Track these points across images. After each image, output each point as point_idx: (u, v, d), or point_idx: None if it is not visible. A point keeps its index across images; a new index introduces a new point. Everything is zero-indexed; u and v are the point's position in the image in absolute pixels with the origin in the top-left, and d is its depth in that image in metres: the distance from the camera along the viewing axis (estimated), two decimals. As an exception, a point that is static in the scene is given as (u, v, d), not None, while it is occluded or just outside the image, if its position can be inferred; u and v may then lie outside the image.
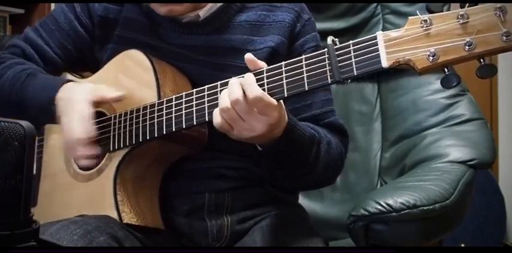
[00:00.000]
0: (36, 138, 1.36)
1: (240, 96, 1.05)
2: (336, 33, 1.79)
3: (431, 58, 0.96)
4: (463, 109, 1.70)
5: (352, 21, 1.86)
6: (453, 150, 1.60)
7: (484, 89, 3.35)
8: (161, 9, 1.23)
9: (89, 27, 1.34)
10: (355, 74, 1.01)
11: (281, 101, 1.09)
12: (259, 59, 1.11)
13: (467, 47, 0.94)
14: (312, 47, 1.30)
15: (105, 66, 1.32)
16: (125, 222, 1.19)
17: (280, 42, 1.28)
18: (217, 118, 1.08)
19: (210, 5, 1.27)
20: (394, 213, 1.29)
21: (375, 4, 1.86)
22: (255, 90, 1.05)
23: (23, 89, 1.25)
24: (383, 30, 1.77)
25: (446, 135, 1.66)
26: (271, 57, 1.26)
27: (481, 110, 1.73)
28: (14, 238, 0.74)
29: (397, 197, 1.31)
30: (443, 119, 1.70)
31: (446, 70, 0.98)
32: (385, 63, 0.99)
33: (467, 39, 0.94)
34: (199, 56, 1.28)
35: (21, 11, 2.54)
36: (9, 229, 0.74)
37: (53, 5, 2.55)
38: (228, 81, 1.09)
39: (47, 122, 1.28)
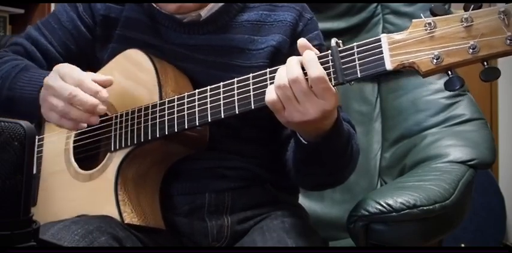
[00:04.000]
0: (36, 137, 1.36)
1: (300, 74, 1.01)
2: (336, 33, 1.79)
3: (435, 61, 0.96)
4: (463, 109, 1.70)
5: (352, 21, 1.85)
6: (453, 150, 1.60)
7: (484, 89, 3.34)
8: (170, 6, 1.23)
9: (91, 26, 1.33)
10: (359, 76, 1.01)
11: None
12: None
13: (471, 50, 0.94)
14: (315, 46, 1.29)
15: (106, 66, 1.31)
16: (126, 222, 1.18)
17: (282, 40, 1.27)
18: (271, 94, 1.03)
19: (211, 4, 1.27)
20: (394, 213, 1.29)
21: (375, 4, 1.86)
22: (318, 69, 1.01)
23: (12, 83, 1.25)
24: (383, 30, 1.79)
25: (446, 135, 1.66)
26: (274, 56, 1.26)
27: (481, 110, 1.73)
28: (14, 238, 0.74)
29: (397, 197, 1.31)
30: (443, 119, 1.70)
31: (450, 73, 0.98)
32: (389, 66, 0.99)
33: (471, 42, 0.94)
34: (200, 55, 1.28)
35: (21, 11, 2.55)
36: (9, 229, 0.74)
37: (53, 5, 2.55)
38: (228, 81, 1.08)
39: (37, 117, 1.22)
